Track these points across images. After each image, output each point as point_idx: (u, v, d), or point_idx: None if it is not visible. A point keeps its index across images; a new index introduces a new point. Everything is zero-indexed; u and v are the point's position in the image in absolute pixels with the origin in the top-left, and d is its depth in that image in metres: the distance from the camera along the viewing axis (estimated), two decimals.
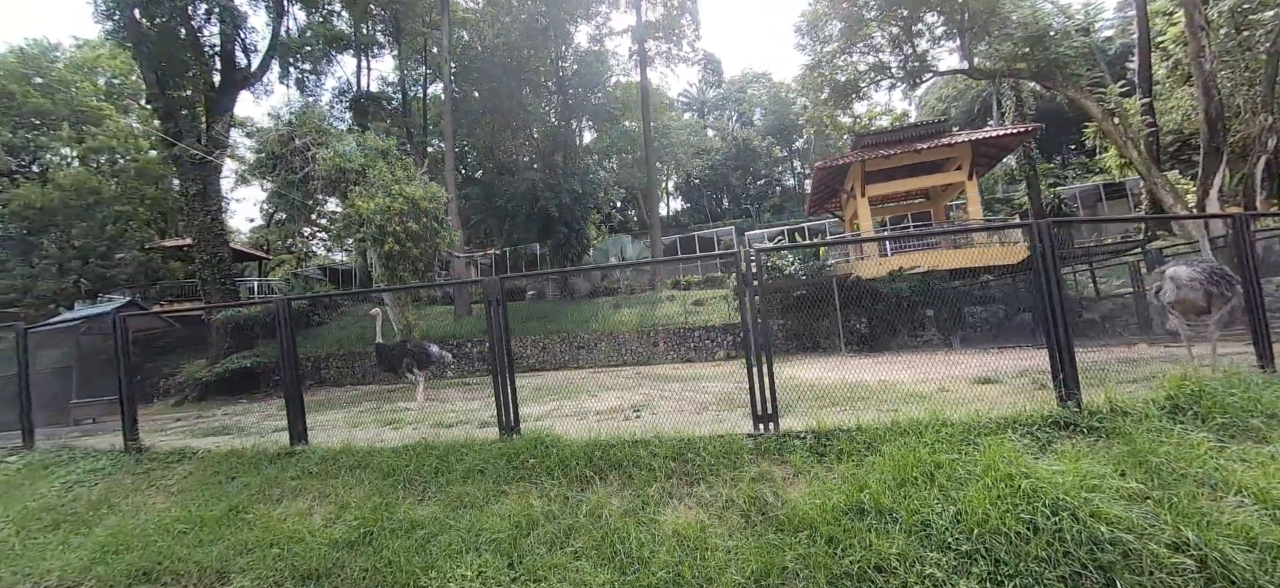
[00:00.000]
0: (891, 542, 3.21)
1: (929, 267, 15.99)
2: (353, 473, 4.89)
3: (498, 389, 4.96)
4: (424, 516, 4.17)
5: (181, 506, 4.94)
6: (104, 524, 4.97)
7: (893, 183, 17.96)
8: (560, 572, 3.47)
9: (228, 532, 4.40)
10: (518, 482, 4.39)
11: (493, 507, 4.17)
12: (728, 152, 40.90)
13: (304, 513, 4.55)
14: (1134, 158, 13.99)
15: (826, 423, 4.41)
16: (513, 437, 4.94)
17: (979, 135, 16.12)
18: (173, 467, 5.66)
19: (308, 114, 13.48)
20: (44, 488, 5.68)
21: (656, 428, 4.83)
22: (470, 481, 4.47)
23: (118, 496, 5.34)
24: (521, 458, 4.59)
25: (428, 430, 6.40)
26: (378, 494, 4.50)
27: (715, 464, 4.22)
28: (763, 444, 4.36)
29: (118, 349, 5.84)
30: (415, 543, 3.91)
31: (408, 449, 4.96)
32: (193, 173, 14.97)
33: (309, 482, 4.91)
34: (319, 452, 5.26)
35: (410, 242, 11.37)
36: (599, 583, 3.29)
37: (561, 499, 4.12)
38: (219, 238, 15.48)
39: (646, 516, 3.81)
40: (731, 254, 4.79)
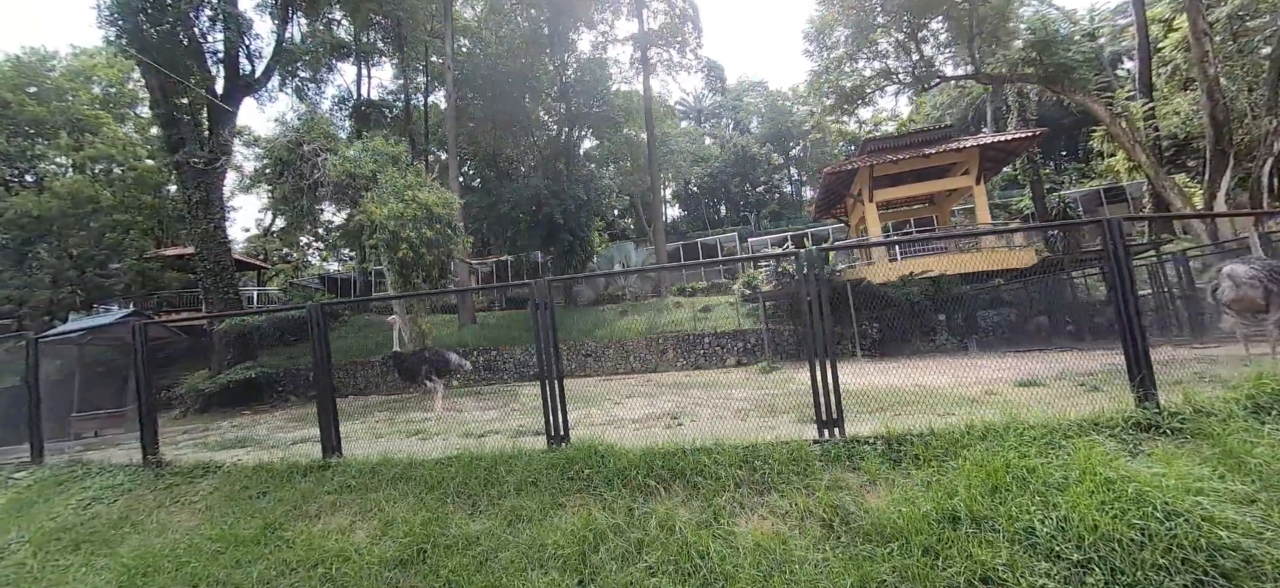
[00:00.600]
0: (995, 551, 3.04)
1: (940, 271, 15.99)
2: (394, 486, 4.65)
3: (546, 396, 4.76)
4: (479, 531, 3.95)
5: (211, 523, 4.67)
6: (128, 544, 4.69)
7: (900, 188, 17.99)
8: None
9: (266, 551, 4.15)
10: (575, 493, 4.19)
11: (552, 520, 3.96)
12: (727, 159, 41.01)
13: (345, 530, 4.31)
14: (1142, 161, 14.09)
15: (895, 428, 4.25)
16: (562, 446, 4.74)
17: (987, 140, 16.20)
18: (196, 482, 5.39)
19: (316, 120, 13.24)
20: (59, 506, 5.38)
21: (708, 436, 4.64)
22: (524, 493, 4.26)
23: (140, 513, 5.06)
24: (575, 468, 4.39)
25: (457, 441, 6.19)
26: (425, 509, 4.27)
27: (784, 472, 4.04)
28: (830, 451, 4.19)
29: (138, 358, 5.57)
30: (473, 560, 3.69)
31: (452, 460, 4.74)
32: (195, 180, 14.65)
33: (347, 496, 4.67)
34: (354, 464, 5.01)
35: (424, 248, 11.13)
36: None
37: (625, 511, 3.92)
38: (222, 246, 15.13)
39: (722, 527, 3.62)
40: (790, 254, 4.63)
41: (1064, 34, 14.10)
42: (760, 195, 42.16)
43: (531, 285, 4.86)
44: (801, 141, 45.85)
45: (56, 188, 15.95)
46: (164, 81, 14.26)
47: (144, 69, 14.10)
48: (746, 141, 41.84)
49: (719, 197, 45.91)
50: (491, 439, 6.21)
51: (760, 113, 48.17)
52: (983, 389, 6.40)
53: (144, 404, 5.62)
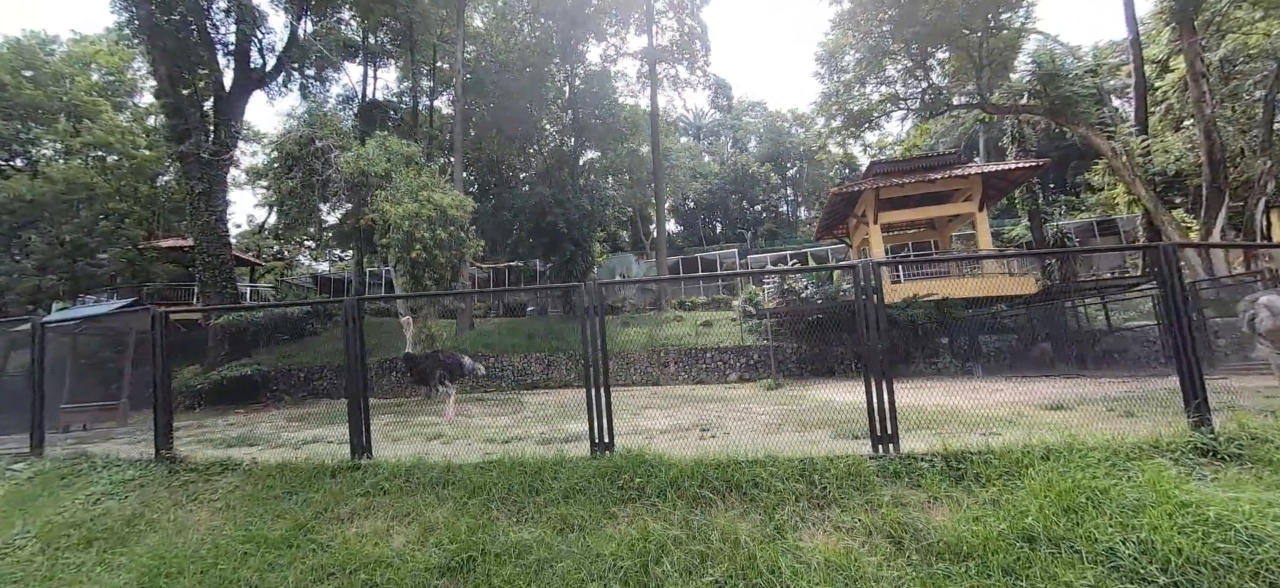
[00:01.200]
0: (1078, 573, 2.99)
1: (943, 294, 16.15)
2: (432, 490, 4.48)
3: (592, 402, 4.64)
4: (528, 539, 3.80)
5: (235, 524, 4.45)
6: (144, 543, 4.45)
7: (904, 211, 18.23)
8: None
9: (298, 555, 3.95)
10: (626, 503, 4.06)
11: (604, 530, 3.83)
12: (726, 176, 41.35)
13: (381, 534, 4.13)
14: (1142, 195, 14.44)
15: (952, 446, 4.20)
16: (607, 454, 4.61)
17: (991, 168, 16.51)
18: (213, 480, 5.15)
19: (329, 116, 13.08)
20: (66, 501, 5.11)
21: (750, 448, 4.55)
22: (572, 501, 4.12)
23: (155, 510, 4.81)
24: (624, 477, 4.26)
25: (481, 446, 6.02)
26: (468, 515, 4.11)
27: (843, 487, 3.96)
28: (887, 467, 4.12)
29: (156, 348, 5.35)
30: (526, 570, 3.54)
31: (492, 465, 4.59)
32: (199, 172, 14.35)
33: (381, 499, 4.49)
34: (386, 466, 4.83)
35: (437, 249, 10.97)
36: None
37: (681, 523, 3.80)
38: (221, 240, 14.79)
39: (787, 542, 3.51)
40: (851, 265, 4.59)
41: (1069, 69, 14.50)
42: (758, 214, 42.52)
43: (581, 287, 4.76)
44: (798, 163, 46.52)
45: (51, 173, 15.49)
46: (172, 71, 14.01)
47: (153, 57, 13.86)
48: (746, 160, 42.27)
49: (715, 213, 46.22)
50: (517, 445, 6.05)
51: (759, 133, 48.80)
52: (1011, 411, 6.40)
53: (161, 397, 5.39)
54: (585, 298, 4.69)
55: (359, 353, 4.93)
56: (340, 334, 21.04)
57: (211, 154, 14.37)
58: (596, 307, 4.69)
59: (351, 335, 4.92)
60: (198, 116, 14.90)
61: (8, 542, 4.54)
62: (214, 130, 14.96)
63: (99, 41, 21.74)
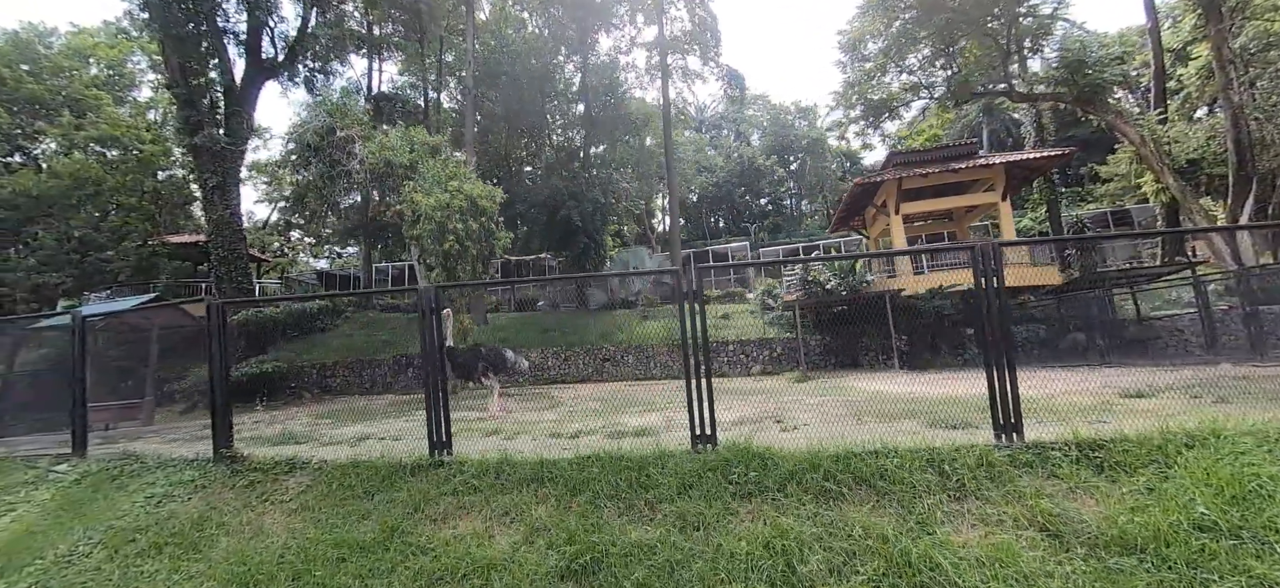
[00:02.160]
0: (1270, 564, 2.80)
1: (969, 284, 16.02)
2: (526, 488, 4.23)
3: (692, 395, 4.40)
4: (650, 538, 3.56)
5: (316, 526, 4.18)
6: (218, 548, 4.17)
7: (926, 202, 18.08)
8: None
9: (398, 559, 3.69)
10: (746, 498, 3.83)
11: (730, 526, 3.60)
12: (732, 169, 41.12)
13: (481, 535, 3.87)
14: (1170, 183, 14.38)
15: (1083, 433, 4.00)
16: (710, 448, 4.38)
17: (1015, 158, 16.38)
18: (281, 480, 4.87)
19: (349, 106, 12.70)
20: (124, 504, 4.81)
21: (851, 440, 4.32)
22: (686, 497, 3.89)
23: (224, 513, 4.53)
24: (737, 471, 4.03)
25: (547, 441, 5.76)
26: (575, 514, 3.86)
27: (977, 478, 3.75)
28: (1017, 457, 3.91)
29: (212, 341, 5.05)
30: (657, 572, 3.30)
31: (592, 461, 4.34)
32: (212, 164, 13.92)
33: (472, 498, 4.23)
34: (472, 464, 4.57)
35: (470, 241, 10.67)
36: None
37: (813, 518, 3.57)
38: (236, 233, 14.38)
39: (938, 537, 3.30)
40: (968, 245, 4.37)
41: (1096, 56, 14.38)
42: (764, 207, 42.34)
43: (677, 272, 4.51)
44: (801, 156, 46.31)
45: (57, 168, 14.96)
46: (184, 61, 13.57)
47: (164, 47, 13.41)
48: (752, 152, 42.06)
49: (719, 207, 45.98)
50: (585, 440, 5.81)
51: (762, 126, 48.57)
52: (1095, 400, 6.22)
53: (219, 394, 5.09)
54: (684, 284, 4.44)
55: (436, 346, 4.66)
56: (349, 332, 20.55)
57: (225, 146, 13.94)
58: (693, 292, 4.44)
59: (429, 326, 4.64)
60: (209, 108, 14.45)
61: (70, 549, 4.25)
62: (226, 122, 14.52)
63: (97, 34, 21.13)
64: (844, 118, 19.82)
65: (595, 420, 7.44)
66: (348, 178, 12.43)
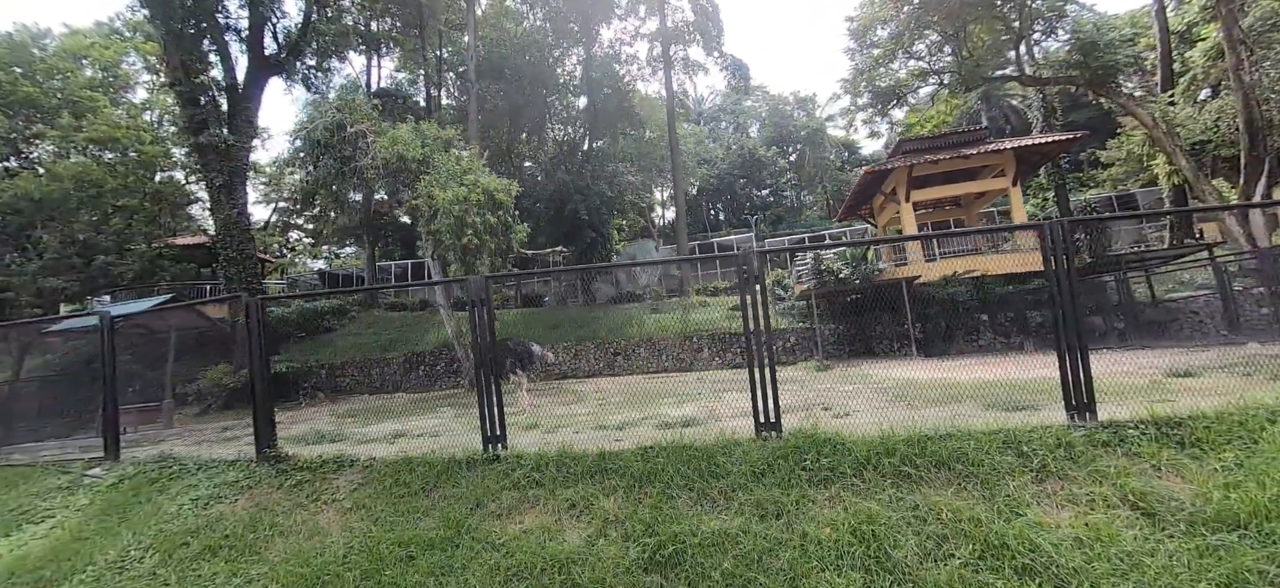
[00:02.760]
0: None
1: (982, 271, 16.01)
2: (591, 480, 4.14)
3: (755, 382, 4.32)
4: (730, 528, 3.48)
5: (376, 524, 4.08)
6: (274, 549, 4.06)
7: (936, 188, 18.03)
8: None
9: (470, 556, 3.60)
10: (822, 485, 3.75)
11: (810, 513, 3.52)
12: (733, 160, 41.00)
13: (551, 529, 3.77)
14: (1182, 165, 14.38)
15: (1159, 411, 3.94)
16: (775, 435, 4.30)
17: (1026, 142, 16.35)
18: (329, 478, 4.76)
19: (357, 101, 12.50)
20: (168, 507, 4.68)
21: (913, 423, 4.25)
22: (760, 485, 3.80)
23: (275, 513, 4.41)
24: (808, 458, 3.95)
25: (592, 434, 5.65)
26: (650, 505, 3.77)
27: (1056, 458, 3.69)
28: (1094, 436, 3.85)
29: (252, 338, 4.92)
30: (743, 560, 3.22)
31: (657, 451, 4.25)
32: (218, 163, 13.69)
33: (536, 492, 4.13)
34: (529, 457, 4.48)
35: (488, 235, 10.54)
36: None
37: (895, 503, 3.50)
38: (245, 233, 14.16)
39: (1029, 519, 3.22)
40: (1036, 225, 4.29)
41: (1108, 38, 14.34)
42: (765, 198, 42.27)
43: (740, 254, 4.41)
44: (800, 147, 46.21)
45: (58, 170, 14.65)
46: (186, 59, 13.32)
47: (165, 44, 13.15)
48: (753, 144, 41.95)
49: (718, 199, 45.85)
50: (632, 430, 5.72)
51: (760, 117, 48.43)
52: (1146, 379, 6.17)
53: (261, 392, 4.97)
54: (749, 267, 4.34)
55: (490, 339, 4.54)
56: (355, 331, 20.32)
57: (230, 144, 13.71)
58: (757, 276, 4.34)
59: (480, 318, 4.53)
60: (212, 106, 14.20)
61: (120, 555, 4.12)
62: (230, 119, 14.29)
63: (90, 35, 20.73)
64: (852, 105, 19.76)
65: (632, 412, 7.36)
66: (358, 174, 12.23)
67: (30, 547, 4.54)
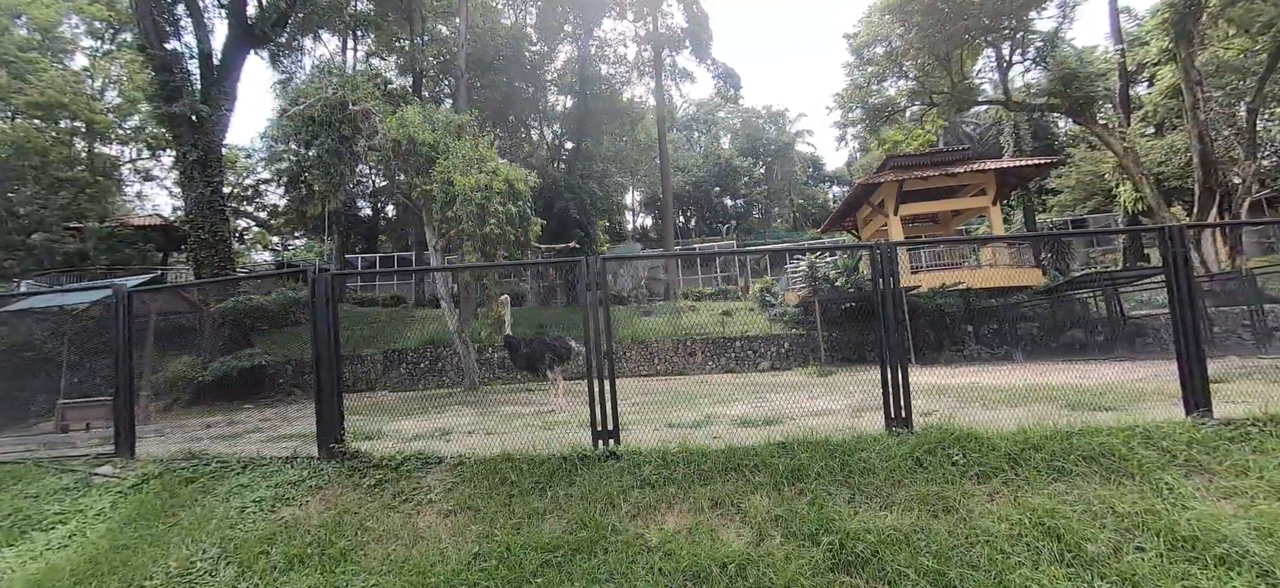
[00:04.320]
0: None
1: (968, 284, 16.76)
2: (728, 477, 3.89)
3: (887, 379, 4.20)
4: (900, 524, 3.33)
5: (494, 527, 3.67)
6: (372, 557, 3.59)
7: (923, 204, 18.79)
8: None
9: (626, 560, 3.28)
10: (978, 480, 3.66)
11: (978, 508, 3.41)
12: (708, 169, 41.46)
13: (703, 530, 3.49)
14: (1147, 193, 15.61)
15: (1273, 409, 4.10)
16: (907, 431, 4.19)
17: (1007, 164, 17.31)
18: (415, 478, 4.27)
19: (362, 78, 11.70)
20: (223, 511, 4.07)
21: (977, 422, 4.27)
22: (915, 480, 3.67)
23: (362, 517, 3.91)
24: (950, 453, 3.87)
25: (659, 432, 5.34)
26: (807, 503, 3.56)
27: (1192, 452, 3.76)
28: (1221, 431, 3.96)
29: (318, 323, 4.38)
30: (936, 557, 3.07)
31: (794, 447, 4.05)
32: (192, 137, 12.47)
33: (670, 490, 3.84)
34: (650, 454, 4.18)
35: (509, 225, 10.07)
36: None
37: (1060, 497, 3.45)
38: (219, 214, 12.93)
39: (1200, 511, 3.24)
40: (1156, 228, 4.39)
41: (1086, 71, 15.46)
42: (739, 208, 42.95)
43: (873, 248, 4.28)
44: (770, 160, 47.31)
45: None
46: (159, 22, 12.13)
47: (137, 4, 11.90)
48: (730, 152, 42.61)
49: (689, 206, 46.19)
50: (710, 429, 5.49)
51: (733, 128, 49.28)
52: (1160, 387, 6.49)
53: (329, 382, 4.42)
54: (881, 261, 4.22)
55: (605, 324, 4.22)
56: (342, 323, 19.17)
57: (207, 116, 12.56)
58: (890, 271, 4.23)
59: (596, 305, 4.20)
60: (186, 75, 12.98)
61: (186, 567, 3.51)
62: (207, 90, 13.11)
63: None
64: (843, 119, 20.41)
65: (683, 412, 7.11)
66: (357, 156, 11.45)
67: (53, 558, 3.82)
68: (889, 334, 4.20)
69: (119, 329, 4.96)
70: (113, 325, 5.00)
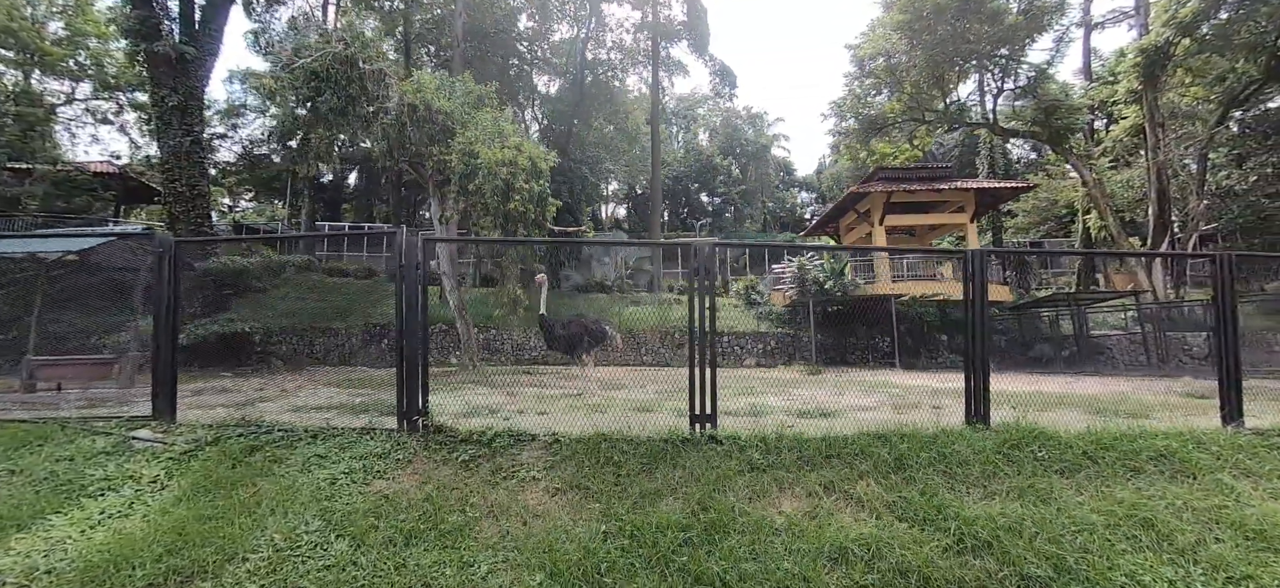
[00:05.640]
0: None
1: (943, 295, 17.71)
2: (832, 464, 4.02)
3: (969, 377, 4.43)
4: (1010, 512, 3.55)
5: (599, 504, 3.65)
6: (484, 534, 3.50)
7: (906, 216, 19.65)
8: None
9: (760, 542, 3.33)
10: (1062, 475, 3.94)
11: (1070, 499, 3.68)
12: (689, 164, 41.74)
13: (816, 513, 3.60)
14: (1109, 223, 16.94)
15: None
16: (984, 427, 4.44)
17: (987, 184, 18.35)
18: (510, 454, 4.18)
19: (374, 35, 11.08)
20: (310, 483, 3.84)
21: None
22: (1006, 473, 3.92)
23: (465, 493, 3.80)
24: (1031, 449, 4.14)
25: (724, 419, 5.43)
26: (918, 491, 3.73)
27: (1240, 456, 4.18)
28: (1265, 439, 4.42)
29: (409, 281, 4.20)
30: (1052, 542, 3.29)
31: (891, 438, 4.22)
32: (172, 80, 11.47)
33: (781, 475, 3.93)
34: (749, 439, 4.26)
35: (531, 203, 9.88)
36: None
37: (1139, 491, 3.77)
38: (199, 167, 11.98)
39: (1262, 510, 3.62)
40: (1209, 255, 4.79)
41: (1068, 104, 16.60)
42: (717, 204, 43.49)
43: (966, 255, 4.48)
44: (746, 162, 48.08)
45: None
46: None
47: None
48: (711, 150, 43.01)
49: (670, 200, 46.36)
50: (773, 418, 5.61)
51: (714, 127, 49.74)
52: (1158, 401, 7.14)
53: (411, 351, 4.25)
54: (972, 266, 4.43)
55: (712, 314, 4.24)
56: (289, 294, 18.10)
57: (189, 57, 11.62)
58: (978, 274, 4.45)
59: (703, 287, 4.21)
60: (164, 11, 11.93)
61: (291, 540, 3.30)
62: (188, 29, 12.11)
63: None
64: (837, 127, 21.04)
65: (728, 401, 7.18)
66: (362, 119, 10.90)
67: (120, 525, 3.50)
68: (976, 338, 4.41)
69: (164, 285, 4.56)
70: (152, 278, 4.59)
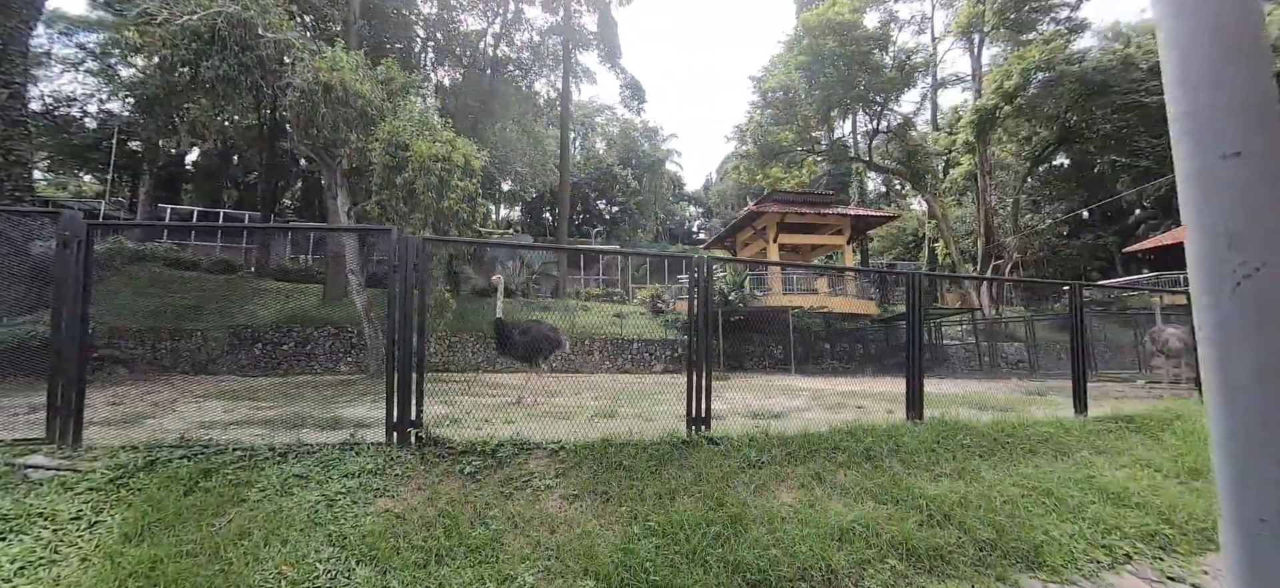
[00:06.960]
0: None
1: (828, 308, 20.02)
2: (815, 458, 4.53)
3: (910, 381, 5.25)
4: (956, 490, 4.32)
5: (621, 508, 3.77)
6: (517, 546, 3.44)
7: (795, 236, 21.87)
8: None
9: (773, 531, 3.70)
10: (982, 457, 4.86)
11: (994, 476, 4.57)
12: (590, 171, 41.96)
13: (810, 502, 4.08)
14: (951, 251, 20.51)
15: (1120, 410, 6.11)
16: (920, 422, 5.29)
17: (862, 212, 21.17)
18: (517, 464, 4.08)
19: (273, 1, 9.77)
20: (293, 505, 3.42)
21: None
22: (951, 457, 4.74)
23: (478, 507, 3.66)
24: (959, 437, 5.05)
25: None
26: (888, 478, 4.37)
27: (1092, 439, 5.48)
28: (1099, 423, 5.80)
29: (404, 282, 3.95)
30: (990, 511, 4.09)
31: (857, 432, 4.87)
32: None
33: (776, 469, 4.35)
34: (740, 439, 4.63)
35: (464, 203, 9.49)
36: None
37: (1072, 464, 4.80)
38: (19, 127, 9.57)
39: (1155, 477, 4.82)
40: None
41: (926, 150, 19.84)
42: (615, 214, 44.15)
43: (908, 277, 5.29)
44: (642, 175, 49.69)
45: None
46: None
47: None
48: (610, 159, 43.58)
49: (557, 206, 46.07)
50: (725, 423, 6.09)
51: (611, 137, 50.57)
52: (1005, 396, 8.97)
53: (405, 359, 3.99)
54: (915, 290, 5.25)
55: (709, 322, 4.55)
56: (130, 289, 15.56)
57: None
58: (920, 298, 5.29)
59: (703, 290, 4.51)
60: None
61: (308, 568, 2.95)
62: None
63: None
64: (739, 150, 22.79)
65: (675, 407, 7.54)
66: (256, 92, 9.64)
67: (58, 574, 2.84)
68: (916, 348, 5.24)
69: (72, 275, 3.72)
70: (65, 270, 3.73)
